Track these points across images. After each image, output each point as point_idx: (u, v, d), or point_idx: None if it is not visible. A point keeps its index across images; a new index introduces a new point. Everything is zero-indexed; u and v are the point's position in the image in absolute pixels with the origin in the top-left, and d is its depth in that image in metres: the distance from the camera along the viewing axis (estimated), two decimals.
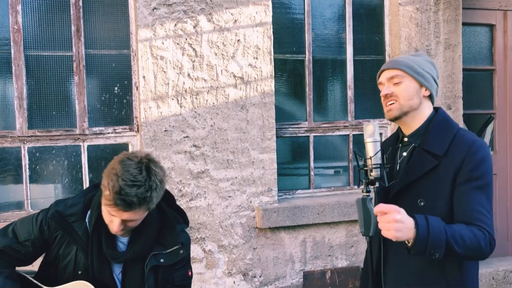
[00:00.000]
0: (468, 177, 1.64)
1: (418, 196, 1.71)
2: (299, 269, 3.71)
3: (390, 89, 1.76)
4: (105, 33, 3.39)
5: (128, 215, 1.62)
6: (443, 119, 1.78)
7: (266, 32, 3.55)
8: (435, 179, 1.69)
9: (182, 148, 3.38)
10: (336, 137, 4.01)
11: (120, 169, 1.59)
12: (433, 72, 1.81)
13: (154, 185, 1.61)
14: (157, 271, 1.79)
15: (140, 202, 1.58)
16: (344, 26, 3.97)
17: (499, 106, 4.42)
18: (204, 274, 3.46)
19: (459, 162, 1.65)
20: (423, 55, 1.85)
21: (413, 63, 1.77)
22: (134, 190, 1.56)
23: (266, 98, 3.56)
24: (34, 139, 3.25)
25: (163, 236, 1.80)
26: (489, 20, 4.36)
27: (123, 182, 1.56)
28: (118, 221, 1.64)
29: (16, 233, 1.76)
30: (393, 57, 1.90)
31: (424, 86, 1.76)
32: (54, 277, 1.77)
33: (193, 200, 3.41)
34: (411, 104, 1.75)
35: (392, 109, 1.76)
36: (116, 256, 1.74)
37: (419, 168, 1.72)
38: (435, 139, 1.73)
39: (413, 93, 1.75)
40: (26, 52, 3.23)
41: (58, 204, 1.77)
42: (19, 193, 3.26)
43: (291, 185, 3.88)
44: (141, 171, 1.60)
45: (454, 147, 1.69)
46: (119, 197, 1.56)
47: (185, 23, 3.37)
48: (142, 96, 3.30)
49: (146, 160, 1.64)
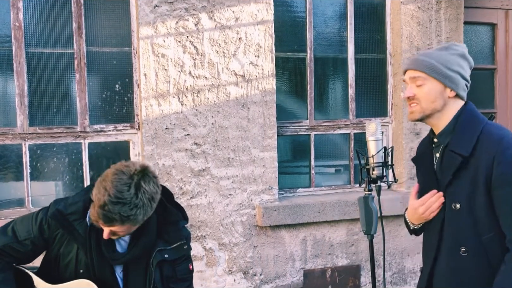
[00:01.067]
0: (503, 179, 1.57)
1: (453, 199, 1.66)
2: (300, 268, 3.71)
3: (413, 92, 1.71)
4: (106, 31, 3.39)
5: (115, 229, 1.63)
6: (470, 116, 1.70)
7: (268, 30, 3.55)
8: (467, 181, 1.64)
9: (183, 145, 3.38)
10: (337, 136, 4.01)
11: (110, 182, 1.59)
12: (462, 67, 1.72)
13: (140, 203, 1.60)
14: (162, 267, 1.80)
15: (122, 220, 1.59)
16: (345, 25, 3.97)
17: (500, 105, 4.42)
18: (204, 272, 3.46)
19: (489, 161, 1.58)
20: (452, 47, 1.75)
21: (438, 62, 1.69)
22: (118, 207, 1.56)
23: (267, 96, 3.56)
24: (35, 136, 3.25)
25: (166, 232, 1.81)
26: (491, 19, 4.35)
27: (108, 197, 1.57)
28: (107, 230, 1.65)
29: (15, 232, 1.76)
30: (418, 53, 1.82)
31: (448, 87, 1.69)
32: (56, 275, 1.77)
33: (194, 198, 3.41)
34: (434, 106, 1.70)
35: (414, 111, 1.71)
36: (115, 258, 1.74)
37: (448, 170, 1.67)
38: (460, 139, 1.66)
39: (436, 96, 1.69)
40: (27, 50, 3.22)
41: (58, 203, 1.77)
42: (20, 190, 3.26)
43: (292, 183, 3.88)
44: (129, 188, 1.59)
45: (480, 145, 1.62)
46: (101, 212, 1.57)
47: (186, 21, 3.37)
48: (143, 94, 3.30)
49: (138, 175, 1.63)
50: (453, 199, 1.66)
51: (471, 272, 1.64)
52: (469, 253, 1.64)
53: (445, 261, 1.69)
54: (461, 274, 1.65)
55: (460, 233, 1.66)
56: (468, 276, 1.65)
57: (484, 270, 1.63)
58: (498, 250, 1.61)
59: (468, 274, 1.65)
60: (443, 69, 1.68)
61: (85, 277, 1.73)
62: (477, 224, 1.63)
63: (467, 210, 1.63)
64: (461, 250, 1.64)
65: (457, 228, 1.66)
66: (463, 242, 1.65)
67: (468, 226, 1.63)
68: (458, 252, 1.66)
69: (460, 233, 1.66)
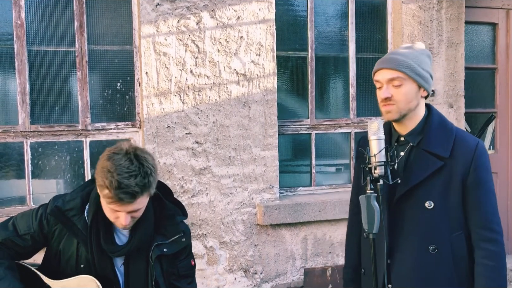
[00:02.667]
0: (478, 182, 1.70)
1: (426, 198, 1.71)
2: (300, 266, 3.72)
3: (390, 92, 1.73)
4: (108, 29, 3.39)
5: (133, 205, 1.64)
6: (439, 119, 1.79)
7: (269, 29, 3.55)
8: (443, 181, 1.70)
9: (184, 144, 3.39)
10: (338, 135, 4.02)
11: (111, 165, 1.62)
12: (430, 66, 1.78)
13: (148, 170, 1.64)
14: (161, 261, 1.81)
15: (142, 190, 1.61)
16: (347, 24, 3.97)
17: (500, 105, 4.43)
18: (205, 270, 3.47)
19: (467, 164, 1.69)
20: (417, 47, 1.78)
21: (414, 62, 1.71)
22: (132, 180, 1.59)
23: (269, 95, 3.56)
24: (37, 134, 3.25)
25: (163, 226, 1.83)
26: (492, 19, 4.36)
27: (119, 176, 1.59)
28: (125, 215, 1.65)
29: (16, 226, 1.79)
30: (389, 53, 1.84)
31: (422, 87, 1.74)
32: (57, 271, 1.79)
33: (195, 196, 3.42)
34: (410, 107, 1.74)
35: (391, 111, 1.74)
36: (114, 250, 1.75)
37: (423, 169, 1.71)
38: (435, 140, 1.72)
39: (412, 96, 1.73)
40: (29, 48, 3.23)
41: (57, 200, 1.80)
42: (21, 188, 3.27)
43: (293, 182, 3.89)
44: (132, 161, 1.63)
45: (458, 148, 1.71)
46: (121, 191, 1.58)
47: (188, 20, 3.37)
48: (145, 92, 3.30)
49: (131, 149, 1.67)
50: (426, 197, 1.71)
51: (437, 270, 1.71)
52: (438, 250, 1.71)
53: (409, 260, 1.73)
54: (426, 271, 1.72)
55: (431, 231, 1.71)
56: (434, 274, 1.71)
57: (447, 267, 1.71)
58: (463, 247, 1.72)
59: (434, 271, 1.71)
60: (419, 69, 1.72)
61: (86, 272, 1.75)
62: (449, 222, 1.70)
63: (440, 208, 1.70)
64: (430, 248, 1.71)
65: (429, 226, 1.71)
66: (433, 239, 1.71)
67: (440, 224, 1.70)
68: (426, 249, 1.71)
69: (431, 231, 1.71)
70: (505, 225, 4.44)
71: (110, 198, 1.61)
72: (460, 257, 1.71)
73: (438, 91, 3.99)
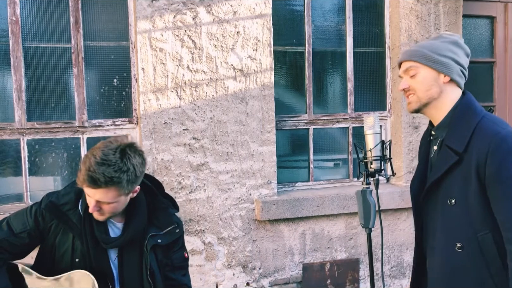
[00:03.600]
0: (497, 177, 1.55)
1: (448, 194, 1.65)
2: (299, 261, 3.72)
3: (407, 83, 1.70)
4: (104, 25, 3.37)
5: (99, 194, 1.65)
6: (466, 108, 1.67)
7: (266, 24, 3.54)
8: (461, 177, 1.62)
9: (181, 140, 3.38)
10: (335, 130, 4.01)
11: (98, 148, 1.66)
12: (455, 53, 1.69)
13: (125, 167, 1.64)
14: (156, 252, 1.84)
15: (106, 181, 1.62)
16: (344, 18, 3.95)
17: (499, 98, 4.42)
18: (203, 266, 3.47)
19: (483, 159, 1.56)
20: (444, 36, 1.74)
21: (428, 50, 1.68)
22: (102, 168, 1.61)
23: (266, 90, 3.55)
24: (33, 131, 3.24)
25: (157, 218, 1.86)
26: (490, 12, 4.34)
27: (94, 159, 1.62)
28: (93, 201, 1.68)
29: (11, 226, 1.79)
30: (413, 45, 1.81)
31: (442, 73, 1.67)
32: (51, 267, 1.79)
33: (192, 192, 3.41)
34: (430, 94, 1.67)
35: (411, 102, 1.70)
36: (108, 241, 1.77)
37: (442, 165, 1.65)
38: (455, 134, 1.64)
39: (430, 83, 1.67)
40: (24, 44, 3.21)
41: (51, 195, 1.82)
42: (19, 185, 3.26)
43: (291, 178, 3.88)
44: (115, 152, 1.65)
45: (474, 140, 1.60)
46: (87, 173, 1.62)
47: (184, 15, 3.35)
48: (141, 88, 3.29)
49: (125, 145, 1.69)
50: (448, 194, 1.64)
51: (465, 269, 1.63)
52: (464, 249, 1.63)
53: (438, 257, 1.68)
54: (456, 270, 1.64)
55: (455, 229, 1.64)
56: (463, 273, 1.64)
57: (479, 267, 1.61)
58: (493, 248, 1.60)
59: (462, 270, 1.64)
60: (434, 55, 1.67)
61: (81, 266, 1.75)
62: (472, 220, 1.61)
63: (462, 205, 1.62)
64: (457, 246, 1.63)
65: (453, 223, 1.64)
66: (458, 237, 1.64)
67: (463, 221, 1.62)
68: (453, 248, 1.64)
69: (455, 228, 1.64)
70: None
71: (80, 177, 1.65)
72: (492, 257, 1.60)
73: None
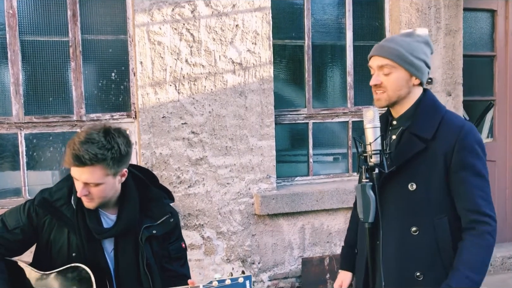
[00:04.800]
0: (463, 164, 1.65)
1: (409, 180, 1.71)
2: (298, 256, 3.71)
3: (379, 79, 1.75)
4: (101, 18, 3.34)
5: (85, 175, 1.66)
6: (431, 102, 1.76)
7: (265, 17, 3.51)
8: (426, 163, 1.70)
9: (180, 134, 3.36)
10: (335, 124, 3.99)
11: (82, 131, 1.71)
12: (427, 55, 1.76)
13: (109, 145, 1.67)
14: (151, 243, 1.83)
15: (90, 158, 1.64)
16: (344, 11, 3.92)
17: (499, 93, 4.40)
18: (203, 260, 3.47)
19: (450, 147, 1.66)
20: (416, 34, 1.78)
21: (405, 50, 1.71)
22: (87, 146, 1.64)
23: (265, 84, 3.53)
24: (31, 125, 3.22)
25: (150, 209, 1.86)
26: (491, 5, 4.31)
27: (78, 139, 1.65)
28: (81, 184, 1.68)
29: (5, 222, 1.80)
30: (385, 39, 1.84)
31: (414, 76, 1.73)
32: (49, 263, 1.79)
33: (191, 186, 3.40)
34: (399, 94, 1.74)
35: (381, 99, 1.76)
36: (101, 231, 1.77)
37: (407, 151, 1.72)
38: (422, 123, 1.72)
39: (402, 84, 1.73)
40: (21, 38, 3.18)
41: (43, 192, 1.83)
42: (17, 179, 3.25)
43: (290, 172, 3.87)
44: (99, 132, 1.68)
45: (442, 130, 1.69)
46: (72, 152, 1.64)
47: (182, 8, 3.33)
48: (140, 82, 3.27)
49: (109, 126, 1.73)
50: (409, 179, 1.71)
51: (418, 251, 1.71)
52: (419, 232, 1.70)
53: (393, 241, 1.73)
54: (409, 252, 1.72)
55: (412, 213, 1.71)
56: (415, 255, 1.71)
57: (431, 251, 1.70)
58: (447, 232, 1.69)
59: (415, 253, 1.71)
60: (410, 57, 1.71)
61: (78, 260, 1.75)
62: (431, 204, 1.69)
63: (422, 190, 1.69)
64: (412, 230, 1.71)
65: (411, 207, 1.71)
66: (415, 221, 1.71)
67: (422, 206, 1.70)
68: (409, 231, 1.72)
69: (412, 212, 1.71)
70: (503, 214, 4.43)
71: (66, 158, 1.67)
72: (445, 242, 1.69)
73: (436, 79, 3.96)
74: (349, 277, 2.01)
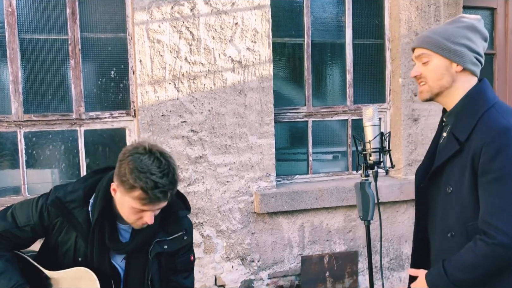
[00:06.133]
0: (486, 168, 1.53)
1: (447, 182, 1.64)
2: (297, 254, 3.72)
3: (418, 70, 1.67)
4: (101, 16, 3.34)
5: (164, 203, 1.63)
6: (476, 96, 1.63)
7: (265, 15, 3.50)
8: (459, 166, 1.61)
9: (179, 132, 3.36)
10: (335, 122, 3.99)
11: (141, 165, 1.57)
12: (470, 39, 1.63)
13: (174, 166, 1.64)
14: (160, 258, 1.79)
15: (174, 187, 1.62)
16: (343, 10, 3.92)
17: (499, 90, 4.39)
18: (202, 258, 3.47)
19: (478, 149, 1.54)
20: (460, 20, 1.68)
21: (442, 37, 1.63)
22: (166, 179, 1.58)
23: (265, 82, 3.52)
24: (30, 124, 3.22)
25: (166, 223, 1.79)
26: (490, 3, 4.31)
27: (153, 176, 1.56)
28: (151, 214, 1.63)
29: (15, 217, 1.75)
30: (428, 30, 1.73)
31: (454, 62, 1.63)
32: (54, 262, 1.77)
33: (191, 185, 3.40)
34: (442, 83, 1.64)
35: (422, 91, 1.68)
36: (119, 248, 1.73)
37: (446, 152, 1.64)
38: (461, 123, 1.62)
39: (442, 73, 1.63)
40: (20, 36, 3.18)
41: (58, 190, 1.75)
42: (16, 178, 3.24)
43: (290, 170, 3.87)
44: (160, 160, 1.60)
45: (476, 131, 1.57)
46: (158, 191, 1.56)
47: (182, 6, 3.32)
48: (139, 80, 3.26)
49: (151, 147, 1.65)
50: (447, 182, 1.64)
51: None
52: (455, 237, 1.63)
53: (436, 243, 1.69)
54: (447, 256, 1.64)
55: (450, 217, 1.64)
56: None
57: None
58: None
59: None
60: (447, 43, 1.62)
61: (83, 265, 1.72)
62: (464, 209, 1.61)
63: (457, 194, 1.61)
64: (449, 234, 1.63)
65: (448, 211, 1.65)
66: (451, 225, 1.64)
67: (457, 210, 1.62)
68: (447, 234, 1.65)
69: (450, 216, 1.64)
70: None
71: (144, 199, 1.58)
72: None
73: None
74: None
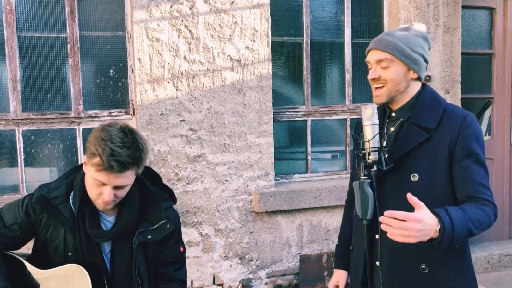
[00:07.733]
0: (467, 152, 1.64)
1: (411, 170, 1.68)
2: (296, 253, 3.72)
3: (378, 73, 1.73)
4: (99, 15, 3.33)
5: (120, 179, 1.63)
6: (431, 95, 1.76)
7: (264, 14, 3.50)
8: (429, 153, 1.67)
9: (178, 131, 3.36)
10: (333, 122, 3.99)
11: (105, 134, 1.62)
12: (424, 49, 1.75)
13: (141, 146, 1.65)
14: (145, 248, 1.80)
15: (133, 162, 1.62)
16: (342, 9, 3.92)
17: (497, 90, 4.40)
18: (201, 257, 3.47)
19: (454, 136, 1.65)
20: (414, 28, 1.77)
21: (404, 44, 1.70)
22: (125, 150, 1.60)
23: (263, 81, 3.52)
24: (29, 122, 3.21)
25: (147, 213, 1.82)
26: (489, 3, 4.31)
27: (112, 144, 1.59)
28: (109, 190, 1.64)
29: (2, 217, 1.78)
30: (383, 33, 1.84)
31: (412, 70, 1.72)
32: (46, 261, 1.78)
33: (189, 184, 3.40)
34: (398, 88, 1.73)
35: (381, 95, 1.74)
36: (100, 235, 1.74)
37: (410, 142, 1.70)
38: (425, 113, 1.71)
39: (401, 78, 1.72)
40: (19, 34, 3.17)
41: (42, 188, 1.79)
42: (14, 176, 3.24)
43: (288, 169, 3.87)
44: (126, 134, 1.64)
45: (445, 120, 1.68)
46: (113, 159, 1.58)
47: (181, 4, 3.32)
48: (138, 79, 3.26)
49: (125, 125, 1.69)
50: (411, 170, 1.68)
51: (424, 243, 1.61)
52: None
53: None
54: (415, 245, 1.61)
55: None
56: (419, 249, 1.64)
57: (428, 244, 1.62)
58: None
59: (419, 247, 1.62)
60: (408, 51, 1.70)
61: (75, 260, 1.73)
62: (433, 196, 1.65)
63: (425, 180, 1.66)
64: None
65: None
66: None
67: (425, 197, 1.62)
68: None
69: None
70: (500, 211, 4.44)
71: (100, 166, 1.59)
72: None
73: (435, 76, 3.96)
74: (345, 275, 2.00)
